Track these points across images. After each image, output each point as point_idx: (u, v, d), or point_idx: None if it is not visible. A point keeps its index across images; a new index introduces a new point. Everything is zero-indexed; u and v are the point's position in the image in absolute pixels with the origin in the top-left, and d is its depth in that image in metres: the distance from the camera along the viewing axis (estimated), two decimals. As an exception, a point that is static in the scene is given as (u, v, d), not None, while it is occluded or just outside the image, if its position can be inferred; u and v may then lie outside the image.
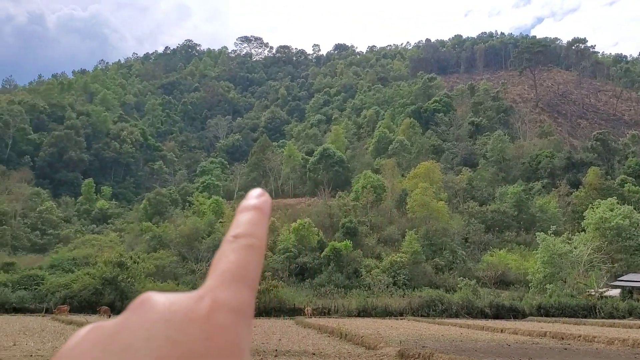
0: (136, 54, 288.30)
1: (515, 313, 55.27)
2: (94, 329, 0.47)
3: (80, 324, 38.83)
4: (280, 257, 73.52)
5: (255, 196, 0.58)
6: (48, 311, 54.20)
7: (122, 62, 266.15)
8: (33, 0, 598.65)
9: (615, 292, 59.56)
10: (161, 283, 60.54)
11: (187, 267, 70.50)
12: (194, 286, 63.08)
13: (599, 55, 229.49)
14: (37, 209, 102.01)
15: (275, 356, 22.87)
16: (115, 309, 53.46)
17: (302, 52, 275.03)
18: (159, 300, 0.45)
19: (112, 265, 58.34)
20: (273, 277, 65.39)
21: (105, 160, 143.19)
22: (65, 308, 51.37)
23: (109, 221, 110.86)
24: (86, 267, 63.43)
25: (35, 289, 59.08)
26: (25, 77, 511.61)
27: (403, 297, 61.55)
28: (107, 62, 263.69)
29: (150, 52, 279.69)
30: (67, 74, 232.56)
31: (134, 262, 60.39)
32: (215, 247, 75.06)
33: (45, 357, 20.83)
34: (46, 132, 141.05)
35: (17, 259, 72.32)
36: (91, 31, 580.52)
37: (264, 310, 57.17)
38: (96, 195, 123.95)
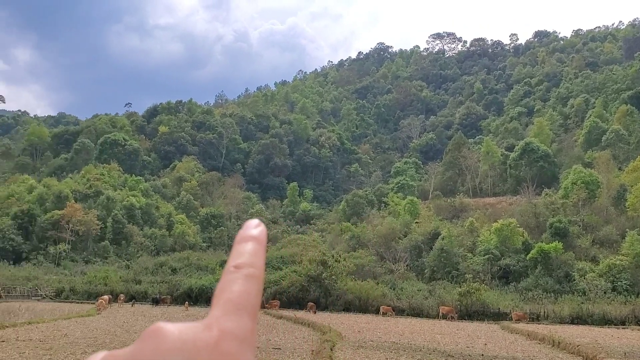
0: (331, 61, 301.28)
1: None
2: (107, 357, 0.49)
3: (289, 319, 40.81)
4: (480, 258, 70.29)
5: (253, 227, 0.60)
6: (261, 306, 58.21)
7: (318, 70, 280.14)
8: (238, 19, 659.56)
9: None
10: (361, 281, 61.55)
11: (385, 266, 70.88)
12: (392, 286, 63.18)
13: None
14: (249, 212, 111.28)
15: (482, 362, 21.48)
16: (320, 305, 55.56)
17: (499, 43, 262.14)
18: (169, 330, 0.46)
19: (315, 263, 60.82)
20: (474, 280, 62.70)
21: (306, 165, 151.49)
22: (276, 303, 54.70)
23: (311, 222, 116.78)
24: (293, 265, 67.11)
25: (249, 284, 64.01)
26: (234, 91, 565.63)
27: (625, 304, 54.68)
28: (305, 72, 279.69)
29: (345, 59, 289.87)
30: (270, 85, 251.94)
31: (336, 261, 62.23)
32: (412, 248, 74.80)
33: (260, 348, 21.89)
34: (254, 140, 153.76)
35: (233, 257, 79.22)
36: (290, 43, 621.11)
37: (466, 314, 55.01)
38: (299, 197, 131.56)
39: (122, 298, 54.46)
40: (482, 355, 23.46)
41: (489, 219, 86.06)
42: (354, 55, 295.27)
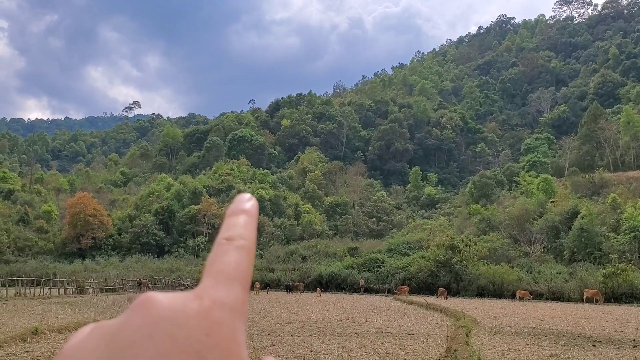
0: (450, 39, 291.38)
1: None
2: (96, 327, 0.49)
3: (420, 304, 40.14)
4: (626, 237, 64.56)
5: (245, 200, 0.60)
6: (390, 292, 58.04)
7: (436, 50, 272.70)
8: (352, 7, 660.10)
9: None
10: (495, 265, 59.19)
11: (519, 249, 67.55)
12: (529, 269, 60.00)
13: None
14: (372, 199, 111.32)
15: (635, 347, 19.60)
16: (452, 291, 54.22)
17: (636, 2, 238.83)
18: (159, 300, 0.47)
19: (444, 248, 59.40)
20: (620, 260, 57.80)
21: (428, 148, 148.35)
22: (405, 289, 54.22)
23: (436, 206, 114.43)
24: (420, 251, 66.12)
25: (377, 270, 64.05)
26: (351, 79, 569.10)
27: None
28: (423, 53, 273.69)
29: (464, 35, 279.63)
30: (387, 70, 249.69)
31: (466, 245, 60.35)
32: (548, 229, 70.52)
33: (393, 334, 21.59)
34: (373, 127, 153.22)
35: (359, 244, 79.90)
36: (405, 25, 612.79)
37: (612, 296, 50.94)
38: (423, 182, 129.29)
39: (257, 286, 56.86)
40: (634, 340, 21.46)
41: (633, 194, 79.01)
42: (473, 31, 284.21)
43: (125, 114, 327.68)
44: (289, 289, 58.26)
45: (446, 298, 48.93)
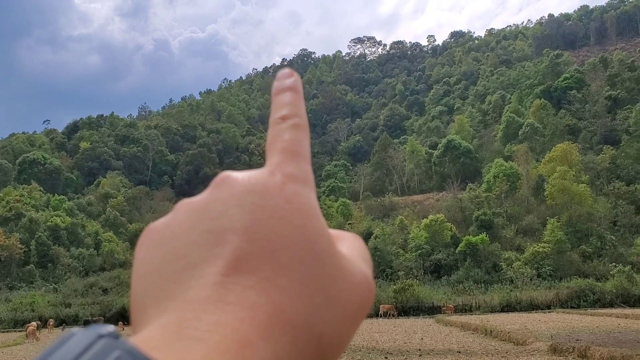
0: (256, 68, 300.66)
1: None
2: (184, 204, 0.52)
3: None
4: (413, 255, 72.31)
5: (286, 76, 0.60)
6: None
7: (243, 78, 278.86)
8: (157, 28, 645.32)
9: None
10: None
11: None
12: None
13: None
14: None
15: (420, 355, 22.20)
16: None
17: (417, 45, 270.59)
18: (238, 176, 0.50)
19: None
20: (407, 276, 64.40)
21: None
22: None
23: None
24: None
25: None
26: (158, 102, 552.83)
27: (549, 289, 57.96)
28: (230, 80, 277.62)
29: (269, 66, 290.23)
30: (195, 95, 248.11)
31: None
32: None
33: None
34: (181, 152, 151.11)
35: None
36: (212, 51, 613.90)
37: (402, 310, 56.38)
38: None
39: (51, 323, 52.22)
40: (419, 349, 24.23)
41: (418, 216, 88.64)
42: (277, 62, 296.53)
43: None
44: (88, 325, 54.57)
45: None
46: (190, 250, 0.46)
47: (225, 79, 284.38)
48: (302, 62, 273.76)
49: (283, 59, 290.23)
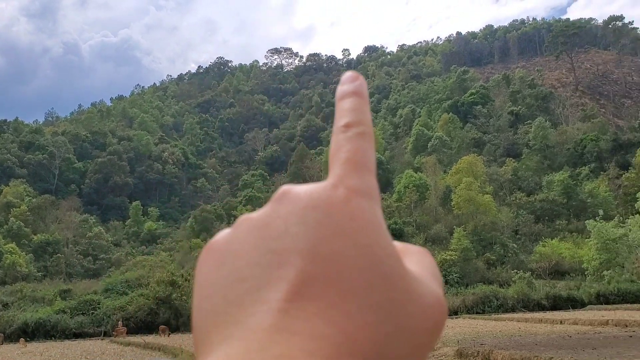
0: (170, 75, 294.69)
1: (573, 303, 53.51)
2: (244, 220, 0.51)
3: (138, 345, 39.47)
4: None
5: (350, 80, 0.58)
6: (107, 334, 55.36)
7: (157, 84, 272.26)
8: (67, 31, 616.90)
9: (679, 273, 56.94)
10: (213, 298, 60.95)
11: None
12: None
13: (638, 31, 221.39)
14: (87, 235, 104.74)
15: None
16: (171, 327, 54.21)
17: (332, 57, 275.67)
18: (300, 191, 0.49)
19: (164, 284, 59.17)
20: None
21: (150, 182, 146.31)
22: (122, 329, 52.30)
23: (158, 241, 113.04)
24: (139, 289, 64.55)
25: (93, 313, 60.41)
26: (66, 107, 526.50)
27: (456, 295, 60.43)
28: (143, 86, 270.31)
29: (184, 72, 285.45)
30: (106, 101, 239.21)
31: (185, 280, 61.06)
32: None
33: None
34: (90, 159, 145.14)
35: (72, 285, 74.09)
36: (124, 56, 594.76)
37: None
38: (143, 217, 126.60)
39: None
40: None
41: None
42: (193, 69, 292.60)
43: None
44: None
45: (168, 335, 48.80)
46: (253, 272, 0.45)
47: (138, 84, 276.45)
48: (219, 70, 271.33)
49: (199, 67, 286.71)
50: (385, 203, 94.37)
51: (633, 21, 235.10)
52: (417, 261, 0.51)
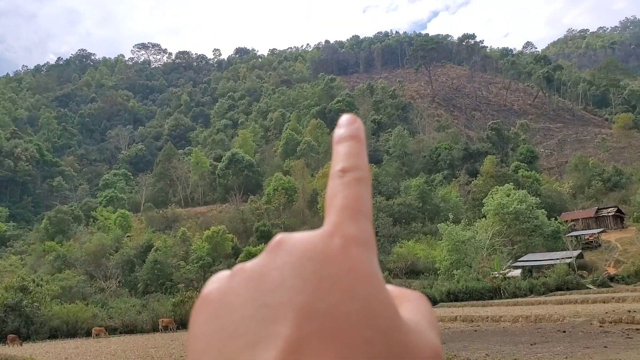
0: (26, 66, 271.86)
1: (426, 300, 57.58)
2: (239, 271, 0.49)
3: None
4: (194, 266, 72.47)
5: (348, 123, 0.57)
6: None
7: (11, 75, 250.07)
8: None
9: (517, 272, 63.06)
10: (69, 304, 57.91)
11: (95, 285, 67.75)
12: (103, 305, 60.80)
13: (488, 49, 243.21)
14: None
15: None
16: (22, 336, 50.67)
17: (203, 57, 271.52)
18: (297, 240, 0.48)
19: (14, 290, 55.09)
20: (187, 289, 64.29)
21: (0, 180, 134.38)
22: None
23: (7, 244, 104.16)
24: (-15, 296, 59.42)
25: None
26: None
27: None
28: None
29: (42, 64, 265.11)
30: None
31: (37, 285, 57.34)
32: (124, 263, 73.04)
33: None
34: None
35: None
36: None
37: (181, 323, 56.14)
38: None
39: None
40: None
41: (200, 228, 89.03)
42: (52, 60, 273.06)
43: None
44: None
45: (21, 344, 45.56)
46: (248, 327, 0.44)
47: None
48: (81, 63, 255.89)
49: (59, 58, 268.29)
50: (255, 205, 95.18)
51: (483, 40, 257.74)
52: (413, 309, 0.51)
